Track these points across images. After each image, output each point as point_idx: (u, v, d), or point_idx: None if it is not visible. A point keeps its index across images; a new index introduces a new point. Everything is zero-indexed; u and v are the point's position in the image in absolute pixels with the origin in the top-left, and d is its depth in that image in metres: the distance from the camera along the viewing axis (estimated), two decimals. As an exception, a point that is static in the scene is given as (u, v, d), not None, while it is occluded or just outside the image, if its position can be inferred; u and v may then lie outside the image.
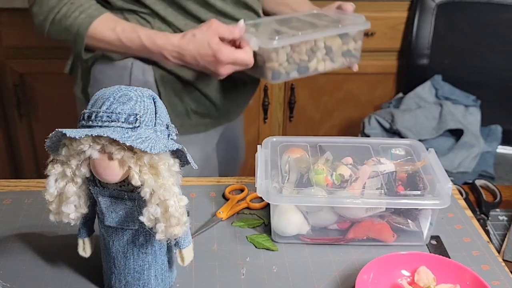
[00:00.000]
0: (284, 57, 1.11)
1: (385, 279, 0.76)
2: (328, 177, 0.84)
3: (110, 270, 0.73)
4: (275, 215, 0.84)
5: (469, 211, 0.95)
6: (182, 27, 1.13)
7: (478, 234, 0.88)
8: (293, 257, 0.83)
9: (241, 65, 1.07)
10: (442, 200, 0.80)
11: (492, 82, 1.96)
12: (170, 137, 0.68)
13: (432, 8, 1.93)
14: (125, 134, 0.62)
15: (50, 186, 0.67)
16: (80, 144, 0.63)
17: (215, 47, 1.04)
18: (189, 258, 0.71)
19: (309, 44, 1.13)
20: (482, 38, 1.93)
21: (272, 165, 0.87)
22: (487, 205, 1.07)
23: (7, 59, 1.93)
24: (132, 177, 0.64)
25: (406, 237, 0.85)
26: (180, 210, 0.65)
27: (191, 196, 0.94)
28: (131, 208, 0.68)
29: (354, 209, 0.82)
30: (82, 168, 0.66)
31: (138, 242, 0.70)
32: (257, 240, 0.85)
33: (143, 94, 0.66)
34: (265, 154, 0.89)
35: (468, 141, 1.79)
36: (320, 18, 1.23)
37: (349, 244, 0.85)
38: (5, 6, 1.81)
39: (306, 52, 1.14)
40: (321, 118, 2.19)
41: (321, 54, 1.16)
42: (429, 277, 0.75)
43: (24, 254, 0.82)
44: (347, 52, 1.20)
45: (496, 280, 0.79)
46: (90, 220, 0.75)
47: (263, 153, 0.89)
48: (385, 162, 0.86)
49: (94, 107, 0.65)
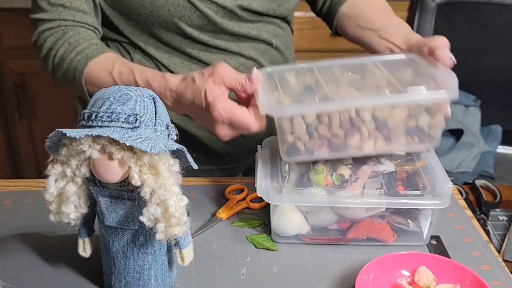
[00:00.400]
0: (303, 128, 0.78)
1: (385, 279, 0.76)
2: (328, 177, 0.84)
3: (110, 270, 0.73)
4: (275, 215, 0.84)
5: (469, 211, 0.95)
6: (166, 61, 1.03)
7: (478, 234, 0.88)
8: (293, 257, 0.83)
9: (242, 130, 0.81)
10: (442, 200, 0.80)
11: (492, 82, 1.96)
12: (170, 137, 0.68)
13: (432, 8, 1.93)
14: (125, 134, 0.62)
15: (50, 186, 0.67)
16: (80, 144, 0.63)
17: (210, 99, 0.80)
18: (189, 258, 0.71)
19: (346, 114, 0.79)
20: (482, 38, 1.93)
21: (272, 165, 0.87)
22: (487, 205, 1.07)
23: (7, 59, 1.93)
24: (132, 177, 0.64)
25: (406, 237, 0.85)
26: (180, 210, 0.65)
27: (191, 196, 0.93)
28: (131, 208, 0.68)
29: (354, 209, 0.82)
30: (82, 168, 0.66)
31: (138, 242, 0.70)
32: (257, 240, 0.85)
33: (143, 94, 0.66)
34: (265, 154, 0.89)
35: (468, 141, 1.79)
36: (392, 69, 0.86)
37: (349, 244, 0.85)
38: (5, 6, 1.81)
39: (342, 125, 0.79)
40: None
41: (368, 129, 0.80)
42: (429, 277, 0.75)
43: (24, 254, 0.81)
44: (416, 129, 0.81)
45: (496, 280, 0.79)
46: (90, 220, 0.75)
47: (263, 153, 0.89)
48: (385, 162, 0.86)
49: (94, 107, 0.65)
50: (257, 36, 1.06)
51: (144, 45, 1.03)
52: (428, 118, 0.80)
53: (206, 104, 0.81)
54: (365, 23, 1.06)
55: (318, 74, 0.85)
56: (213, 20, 1.00)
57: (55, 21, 0.98)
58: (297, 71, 0.89)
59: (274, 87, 0.84)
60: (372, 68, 0.86)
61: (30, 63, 1.92)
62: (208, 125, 0.84)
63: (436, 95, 0.78)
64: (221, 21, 1.00)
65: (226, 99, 0.81)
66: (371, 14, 1.07)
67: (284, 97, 0.81)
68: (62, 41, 0.97)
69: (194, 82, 0.83)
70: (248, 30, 1.05)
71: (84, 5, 0.99)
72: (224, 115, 0.80)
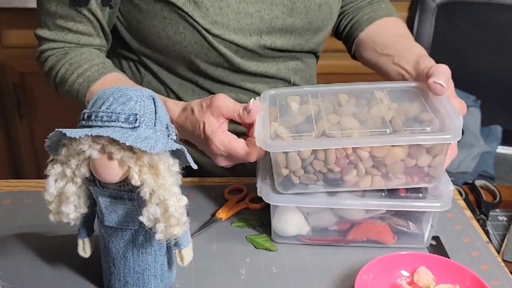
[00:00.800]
0: (298, 164, 0.77)
1: (384, 279, 0.76)
2: None
3: (109, 270, 0.73)
4: (275, 216, 0.84)
5: (468, 212, 0.95)
6: (176, 87, 1.02)
7: (477, 235, 0.88)
8: (293, 257, 0.83)
9: (240, 160, 0.82)
10: (443, 203, 0.79)
11: (492, 82, 1.96)
12: (170, 137, 0.68)
13: (432, 8, 1.93)
14: (125, 134, 0.62)
15: (50, 186, 0.67)
16: (80, 144, 0.63)
17: (208, 132, 0.81)
18: (188, 258, 0.71)
19: (343, 151, 0.76)
20: (482, 38, 1.93)
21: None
22: (487, 206, 1.07)
23: (7, 59, 1.93)
24: (132, 177, 0.64)
25: (406, 239, 0.85)
26: (180, 210, 0.65)
27: (190, 196, 0.93)
28: (130, 208, 0.68)
29: (355, 211, 0.82)
30: (81, 168, 0.66)
31: (138, 242, 0.70)
32: (256, 240, 0.85)
33: (143, 94, 0.66)
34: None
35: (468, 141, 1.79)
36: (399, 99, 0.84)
37: (349, 245, 0.85)
38: (5, 6, 1.81)
39: (338, 162, 0.77)
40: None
41: (366, 167, 0.78)
42: (429, 277, 0.75)
43: (24, 254, 0.82)
44: (415, 169, 0.79)
45: (495, 280, 0.79)
46: (90, 220, 0.75)
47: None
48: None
49: (94, 107, 0.65)
50: (275, 74, 1.04)
51: (157, 70, 1.03)
52: (429, 158, 0.78)
53: (205, 137, 0.82)
54: (381, 48, 1.05)
55: (321, 102, 0.84)
56: (231, 60, 0.98)
57: (59, 43, 0.98)
58: (301, 96, 0.87)
59: (275, 115, 0.83)
60: (379, 96, 0.84)
61: (30, 63, 1.91)
62: (208, 154, 0.85)
63: (438, 138, 0.75)
64: (239, 61, 0.99)
65: (224, 132, 0.82)
66: (388, 40, 1.05)
67: (282, 129, 0.79)
68: (63, 62, 0.96)
69: (193, 114, 0.84)
70: (266, 69, 1.02)
71: (91, 29, 0.97)
72: (222, 148, 0.81)
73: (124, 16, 0.99)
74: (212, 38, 0.95)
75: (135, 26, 0.98)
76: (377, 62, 1.05)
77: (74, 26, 0.96)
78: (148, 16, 0.95)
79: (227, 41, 0.96)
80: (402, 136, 0.76)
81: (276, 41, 0.99)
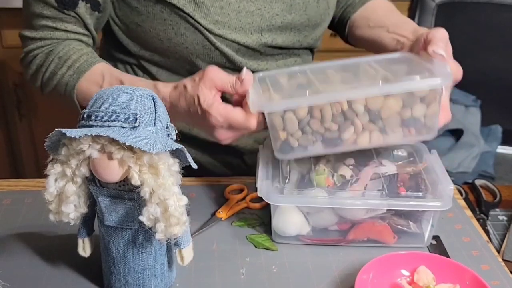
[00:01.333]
0: (295, 124, 0.78)
1: (384, 278, 0.76)
2: (329, 178, 0.84)
3: (109, 270, 0.73)
4: (275, 216, 0.84)
5: (469, 211, 0.95)
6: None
7: (477, 234, 0.88)
8: (293, 257, 0.82)
9: (241, 130, 0.81)
10: (443, 202, 0.79)
11: (492, 82, 1.96)
12: (169, 136, 0.68)
13: (432, 8, 1.93)
14: (124, 134, 0.62)
15: (50, 186, 0.67)
16: (79, 143, 0.63)
17: (204, 105, 0.80)
18: (188, 257, 0.71)
19: (338, 107, 0.77)
20: (482, 38, 1.93)
21: (273, 165, 0.87)
22: (487, 205, 1.07)
23: (7, 59, 1.93)
24: (132, 176, 0.64)
25: (407, 238, 0.84)
26: (180, 210, 0.65)
27: (191, 196, 0.93)
28: (130, 207, 0.68)
29: (355, 210, 0.82)
30: (81, 168, 0.66)
31: (138, 242, 0.70)
32: (256, 240, 0.85)
33: (143, 94, 0.66)
34: (266, 154, 0.89)
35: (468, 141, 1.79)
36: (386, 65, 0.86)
37: (349, 245, 0.85)
38: (5, 6, 1.81)
39: (335, 119, 0.78)
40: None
41: (362, 122, 0.78)
42: (429, 276, 0.75)
43: (24, 254, 0.81)
44: (412, 120, 0.79)
45: (495, 280, 0.79)
46: (90, 219, 0.75)
47: (264, 153, 0.89)
48: (387, 164, 0.86)
49: (94, 107, 0.65)
50: None
51: (156, 72, 1.02)
52: (423, 108, 0.78)
53: (202, 111, 0.81)
54: (375, 23, 1.06)
55: (311, 75, 0.85)
56: (233, 59, 0.98)
57: (46, 40, 0.96)
58: (290, 74, 0.88)
59: (266, 88, 0.83)
60: (366, 68, 0.86)
61: (30, 63, 1.92)
62: (206, 130, 0.84)
63: (429, 82, 0.76)
64: (240, 60, 0.99)
65: (220, 103, 0.81)
66: (382, 15, 1.08)
67: (275, 95, 0.80)
68: (52, 57, 0.95)
69: (186, 89, 0.83)
70: (267, 66, 1.03)
71: (79, 28, 0.96)
72: (221, 119, 0.80)
73: (121, 20, 0.98)
74: (214, 38, 0.95)
75: (134, 30, 0.98)
76: (371, 36, 1.05)
77: (62, 26, 0.95)
78: (147, 18, 0.95)
79: (229, 40, 0.96)
80: (394, 84, 0.77)
81: (277, 38, 1.00)
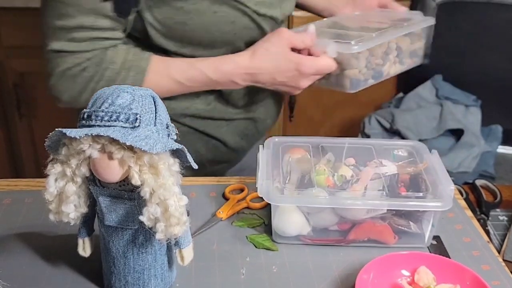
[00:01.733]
0: (364, 62, 1.02)
1: (385, 279, 0.76)
2: (330, 178, 0.84)
3: (109, 270, 0.73)
4: (275, 216, 0.83)
5: (469, 211, 0.95)
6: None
7: (478, 234, 0.88)
8: (293, 257, 0.82)
9: (323, 73, 1.00)
10: (444, 202, 0.79)
11: (492, 82, 1.96)
12: (170, 136, 0.68)
13: (432, 8, 1.93)
14: (125, 134, 0.62)
15: (50, 186, 0.67)
16: (80, 143, 0.63)
17: (295, 60, 0.96)
18: (189, 257, 0.71)
19: (384, 47, 1.06)
20: (482, 38, 1.93)
21: (273, 165, 0.87)
22: (487, 205, 1.07)
23: (7, 59, 1.93)
24: (132, 176, 0.63)
25: (407, 239, 0.84)
26: (180, 210, 0.65)
27: (191, 196, 0.93)
28: (131, 207, 0.68)
29: (355, 211, 0.82)
30: (82, 168, 0.65)
31: (138, 242, 0.70)
32: (257, 240, 0.85)
33: (143, 94, 0.66)
34: (266, 154, 0.89)
35: (468, 141, 1.79)
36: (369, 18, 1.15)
37: (349, 245, 0.85)
38: (6, 5, 1.81)
39: (381, 56, 1.06)
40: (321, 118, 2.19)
41: (393, 57, 1.09)
42: (429, 277, 0.75)
43: (24, 254, 0.81)
44: (413, 52, 1.14)
45: (496, 280, 0.79)
46: (90, 219, 0.74)
47: (265, 153, 0.89)
48: (387, 164, 0.86)
49: (94, 107, 0.65)
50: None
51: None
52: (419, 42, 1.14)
53: (295, 65, 0.96)
54: None
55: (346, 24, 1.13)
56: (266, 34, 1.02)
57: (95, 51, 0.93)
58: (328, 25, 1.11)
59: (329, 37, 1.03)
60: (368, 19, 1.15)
61: (30, 63, 1.92)
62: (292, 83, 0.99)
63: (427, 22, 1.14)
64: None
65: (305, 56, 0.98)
66: None
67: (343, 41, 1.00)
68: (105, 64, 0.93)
69: (269, 50, 0.96)
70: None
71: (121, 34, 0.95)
72: (313, 66, 0.97)
73: (162, 22, 0.95)
74: (258, 18, 0.99)
75: (178, 30, 0.95)
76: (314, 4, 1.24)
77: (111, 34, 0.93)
78: (196, 16, 0.94)
79: (268, 17, 1.01)
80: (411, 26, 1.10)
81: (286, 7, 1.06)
